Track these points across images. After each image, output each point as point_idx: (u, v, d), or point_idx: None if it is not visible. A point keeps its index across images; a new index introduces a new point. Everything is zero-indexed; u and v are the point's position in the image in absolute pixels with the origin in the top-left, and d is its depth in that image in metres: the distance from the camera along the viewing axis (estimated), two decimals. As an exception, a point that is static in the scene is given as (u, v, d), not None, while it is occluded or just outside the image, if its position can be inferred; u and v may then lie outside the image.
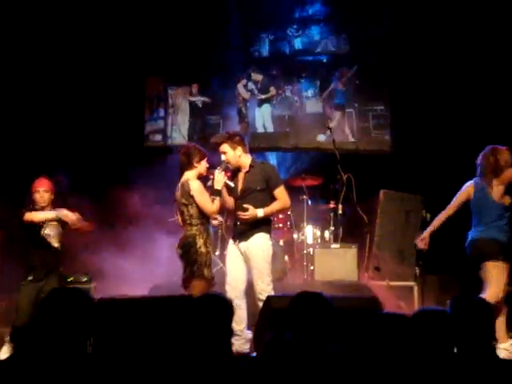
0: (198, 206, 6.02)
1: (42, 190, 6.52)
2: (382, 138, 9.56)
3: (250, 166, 6.19)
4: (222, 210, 6.54)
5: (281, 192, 6.15)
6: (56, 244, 6.59)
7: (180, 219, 6.27)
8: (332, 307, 3.39)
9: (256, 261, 6.04)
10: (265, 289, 5.98)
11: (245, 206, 6.00)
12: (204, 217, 6.09)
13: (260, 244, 6.09)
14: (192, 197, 6.03)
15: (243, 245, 6.11)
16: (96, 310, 4.90)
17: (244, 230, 6.10)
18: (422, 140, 8.87)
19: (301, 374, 3.16)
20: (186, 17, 9.47)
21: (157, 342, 4.62)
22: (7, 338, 6.34)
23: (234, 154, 6.14)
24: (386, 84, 9.54)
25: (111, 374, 4.05)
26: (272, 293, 5.95)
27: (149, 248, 8.13)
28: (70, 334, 2.99)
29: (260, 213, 6.02)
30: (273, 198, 6.15)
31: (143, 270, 8.05)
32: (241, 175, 6.22)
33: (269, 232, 6.24)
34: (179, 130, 9.80)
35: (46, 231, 6.54)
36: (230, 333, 3.37)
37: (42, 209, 6.54)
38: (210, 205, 6.03)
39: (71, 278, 7.41)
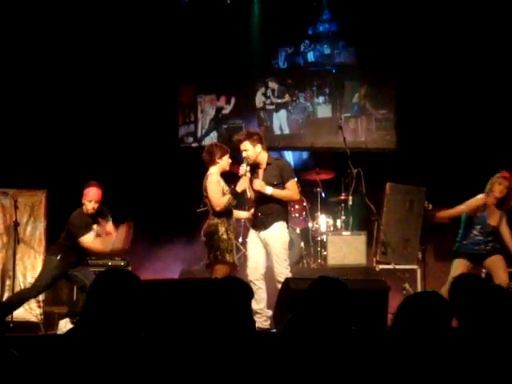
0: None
1: (95, 201, 6.13)
2: (384, 138, 9.36)
3: (267, 164, 5.97)
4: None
5: (291, 185, 5.98)
6: None
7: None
8: (348, 291, 3.25)
9: (275, 247, 5.87)
10: (283, 272, 5.81)
11: (255, 180, 5.82)
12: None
13: (278, 232, 5.91)
14: (207, 187, 5.86)
15: (263, 233, 5.91)
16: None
17: (264, 220, 5.93)
18: (425, 138, 8.66)
19: (319, 351, 3.07)
20: (215, 33, 9.38)
21: (186, 319, 4.66)
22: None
23: (254, 151, 5.90)
24: (390, 91, 9.33)
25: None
26: (289, 275, 5.79)
27: (179, 235, 8.02)
28: (124, 308, 2.89)
29: (268, 190, 5.82)
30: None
31: (174, 255, 7.96)
32: (260, 172, 5.98)
33: (286, 221, 6.06)
34: (208, 133, 9.68)
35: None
36: (250, 310, 3.26)
37: (91, 217, 6.16)
38: (216, 198, 5.77)
39: (111, 263, 7.33)
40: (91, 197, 6.10)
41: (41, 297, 7.03)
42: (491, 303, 2.97)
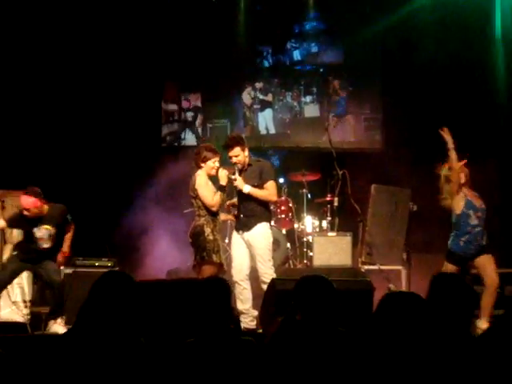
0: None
1: (32, 209, 6.16)
2: (372, 138, 9.51)
3: (249, 165, 6.09)
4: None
5: (270, 185, 6.06)
6: (46, 245, 6.29)
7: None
8: (333, 286, 3.32)
9: (258, 247, 5.98)
10: (267, 272, 5.93)
11: (233, 176, 5.92)
12: None
13: (261, 233, 6.02)
14: (196, 190, 5.92)
15: (246, 234, 6.03)
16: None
17: (247, 222, 6.05)
18: (409, 139, 8.78)
19: (311, 352, 3.12)
20: (200, 33, 9.46)
21: (171, 320, 4.73)
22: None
23: (244, 155, 6.01)
24: (377, 90, 9.48)
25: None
26: (274, 275, 5.91)
27: (166, 236, 8.11)
28: (122, 310, 2.98)
29: (246, 188, 5.94)
30: None
31: (162, 255, 8.03)
32: (242, 173, 6.09)
33: (269, 222, 6.21)
34: (191, 132, 9.77)
35: (38, 234, 6.26)
36: (231, 309, 3.37)
37: (37, 217, 6.21)
38: (209, 198, 5.89)
39: (98, 263, 7.37)
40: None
41: (27, 297, 7.09)
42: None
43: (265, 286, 5.78)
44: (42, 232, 6.25)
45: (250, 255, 6.02)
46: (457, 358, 2.94)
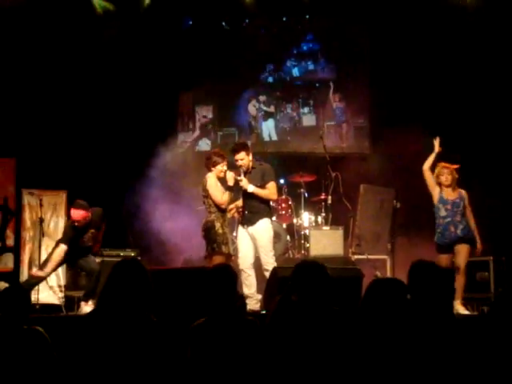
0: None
1: (82, 220, 6.35)
2: (362, 144, 9.73)
3: (252, 167, 6.31)
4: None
5: (271, 186, 6.26)
6: (90, 244, 6.59)
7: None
8: (326, 270, 3.39)
9: (261, 240, 6.22)
10: (269, 261, 6.18)
11: (239, 178, 6.09)
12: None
13: (264, 227, 6.25)
14: (207, 190, 6.13)
15: (250, 228, 6.26)
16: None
17: (251, 217, 6.26)
18: (394, 146, 8.72)
19: (306, 328, 3.17)
20: (213, 54, 9.68)
21: (186, 301, 4.71)
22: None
23: (248, 159, 6.25)
24: (365, 102, 9.64)
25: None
26: (275, 264, 6.15)
27: (182, 230, 8.21)
28: (134, 292, 3.05)
29: (250, 188, 6.13)
30: None
31: (178, 247, 8.18)
32: (247, 175, 6.31)
33: (270, 217, 6.45)
34: (204, 139, 9.97)
35: (84, 238, 6.52)
36: (237, 293, 3.45)
37: (85, 225, 6.44)
38: (219, 197, 6.15)
39: (123, 253, 7.54)
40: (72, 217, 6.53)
41: (62, 282, 7.28)
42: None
43: (267, 274, 6.01)
44: (89, 236, 6.60)
45: (254, 247, 6.25)
46: (437, 332, 3.05)
